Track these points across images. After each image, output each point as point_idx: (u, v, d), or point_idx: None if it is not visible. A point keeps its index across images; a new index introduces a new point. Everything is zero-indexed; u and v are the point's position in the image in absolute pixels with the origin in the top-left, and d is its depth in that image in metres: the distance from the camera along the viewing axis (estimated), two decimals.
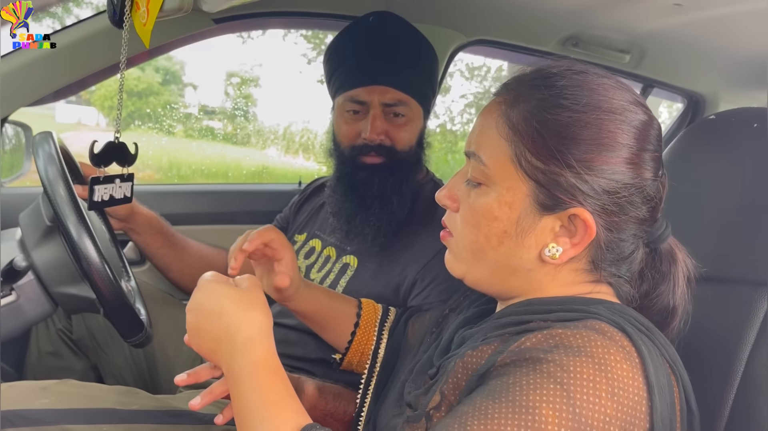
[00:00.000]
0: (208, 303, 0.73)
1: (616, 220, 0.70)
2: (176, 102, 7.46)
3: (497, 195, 0.72)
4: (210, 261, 1.56)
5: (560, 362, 0.61)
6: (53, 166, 1.05)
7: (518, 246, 0.72)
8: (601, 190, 0.69)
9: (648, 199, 0.72)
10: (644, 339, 0.65)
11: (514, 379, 0.62)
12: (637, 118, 0.71)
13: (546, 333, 0.64)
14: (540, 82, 0.72)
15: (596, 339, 0.62)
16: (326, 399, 1.09)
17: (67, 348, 1.47)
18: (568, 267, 0.73)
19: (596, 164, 0.68)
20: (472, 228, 0.75)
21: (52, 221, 1.09)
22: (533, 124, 0.70)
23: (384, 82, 1.28)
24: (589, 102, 0.69)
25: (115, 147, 1.06)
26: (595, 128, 0.69)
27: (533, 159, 0.70)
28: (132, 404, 1.12)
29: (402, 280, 1.23)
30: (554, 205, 0.70)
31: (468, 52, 1.79)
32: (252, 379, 0.68)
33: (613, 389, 0.60)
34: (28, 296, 1.08)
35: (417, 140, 1.32)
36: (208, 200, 1.81)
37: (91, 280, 1.01)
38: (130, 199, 1.14)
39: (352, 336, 1.08)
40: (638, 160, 0.70)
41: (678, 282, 0.76)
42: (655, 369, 0.63)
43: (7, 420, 1.02)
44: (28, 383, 1.13)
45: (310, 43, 6.64)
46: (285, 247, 1.00)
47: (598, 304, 0.69)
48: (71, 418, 1.05)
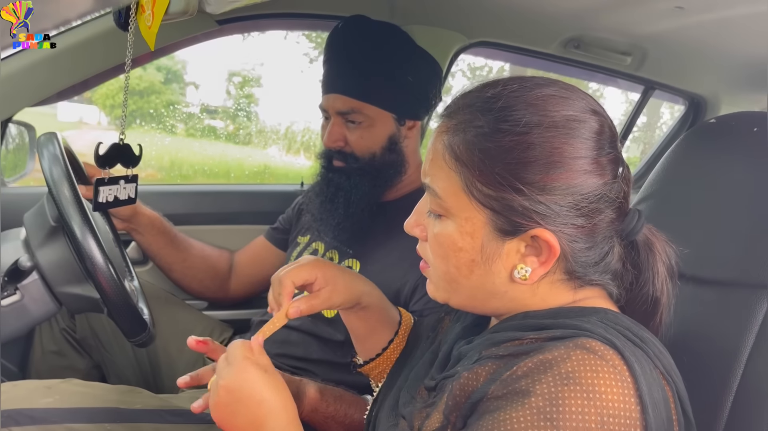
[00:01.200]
0: (248, 388, 0.74)
1: (581, 231, 0.69)
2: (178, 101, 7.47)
3: (457, 226, 0.72)
4: (212, 261, 1.57)
5: (549, 395, 0.61)
6: (58, 167, 1.06)
7: (488, 273, 0.72)
8: (559, 207, 0.68)
9: (611, 200, 0.70)
10: (637, 353, 0.65)
11: (505, 415, 0.62)
12: (585, 127, 0.69)
13: (537, 360, 0.64)
14: (478, 107, 0.71)
15: (586, 360, 0.62)
16: (327, 402, 1.10)
17: (70, 347, 1.48)
18: (546, 281, 0.72)
19: (548, 183, 0.67)
20: (442, 260, 0.74)
21: (56, 221, 1.10)
22: (476, 154, 0.69)
23: (335, 90, 1.31)
24: (529, 121, 0.68)
25: (120, 148, 1.07)
26: (540, 147, 0.67)
27: (483, 188, 0.69)
28: (135, 403, 1.13)
29: (403, 285, 1.24)
30: (514, 230, 0.69)
31: (470, 53, 1.79)
32: None
33: (602, 418, 0.60)
34: (32, 296, 1.09)
35: (385, 145, 1.33)
36: (210, 200, 1.81)
37: (95, 280, 1.02)
38: (134, 200, 1.15)
39: (389, 343, 1.03)
40: (594, 168, 0.69)
41: (658, 272, 0.75)
42: (648, 387, 0.62)
43: (12, 418, 1.03)
44: (32, 382, 1.14)
45: (311, 42, 6.64)
46: (325, 279, 0.93)
47: (591, 315, 0.69)
48: (75, 417, 1.06)
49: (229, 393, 0.74)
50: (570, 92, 0.71)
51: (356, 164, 1.32)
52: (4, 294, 1.07)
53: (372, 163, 1.32)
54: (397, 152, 1.34)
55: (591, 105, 0.71)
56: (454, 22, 1.65)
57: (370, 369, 1.06)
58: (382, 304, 1.03)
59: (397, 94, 1.32)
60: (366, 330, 1.02)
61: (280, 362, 1.31)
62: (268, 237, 1.58)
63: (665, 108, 4.02)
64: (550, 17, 1.57)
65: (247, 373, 0.74)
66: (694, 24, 1.43)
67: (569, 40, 1.66)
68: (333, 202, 1.32)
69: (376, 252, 1.30)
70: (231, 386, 0.74)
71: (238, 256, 1.61)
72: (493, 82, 0.72)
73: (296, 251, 1.45)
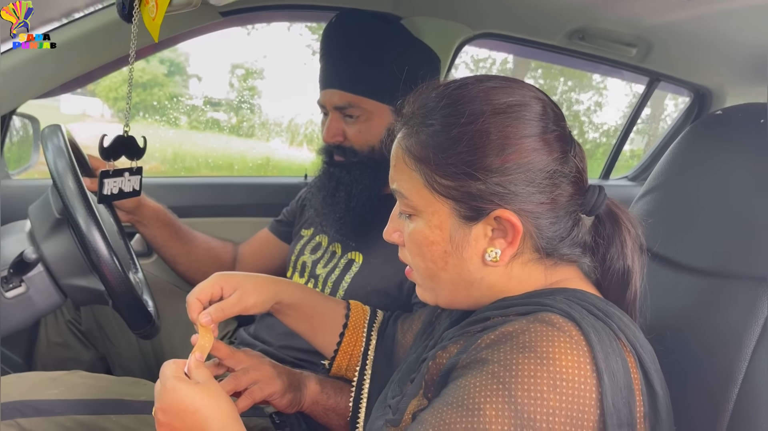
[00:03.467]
0: (179, 405, 0.77)
1: (542, 207, 0.73)
2: (181, 93, 7.45)
3: (426, 221, 0.76)
4: (216, 253, 1.57)
5: (504, 361, 0.64)
6: (62, 159, 1.06)
7: (462, 261, 0.75)
8: (514, 186, 0.71)
9: (566, 175, 0.74)
10: (597, 325, 0.67)
11: (465, 382, 0.66)
12: (527, 109, 0.73)
13: (498, 332, 0.67)
14: (427, 108, 0.76)
15: (543, 332, 0.65)
16: (328, 394, 1.10)
17: (75, 339, 1.48)
18: (518, 263, 0.76)
19: (500, 165, 0.71)
20: (419, 258, 0.79)
21: (61, 213, 1.10)
22: (431, 150, 0.74)
23: (332, 85, 1.31)
24: (473, 110, 0.72)
25: (125, 140, 1.07)
26: (487, 133, 0.71)
27: (442, 180, 0.73)
28: (141, 395, 1.13)
29: (405, 277, 1.23)
30: (476, 215, 0.73)
31: (474, 45, 1.78)
32: None
33: (554, 382, 0.62)
34: (37, 288, 1.09)
35: (385, 138, 1.32)
36: (214, 192, 1.81)
37: (99, 272, 1.02)
38: (138, 192, 1.15)
39: (341, 337, 1.08)
40: (541, 146, 0.72)
41: (626, 242, 0.78)
42: (605, 355, 0.64)
43: (17, 410, 1.03)
44: (38, 374, 1.14)
45: (314, 34, 6.61)
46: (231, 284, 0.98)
47: (558, 294, 0.72)
48: (81, 409, 1.06)
49: (165, 413, 0.78)
50: (510, 82, 0.76)
51: (356, 158, 1.32)
52: (10, 286, 1.07)
53: (372, 157, 1.32)
54: None
55: (531, 91, 0.76)
56: (459, 14, 1.64)
57: (338, 368, 1.09)
58: (313, 299, 1.08)
59: (393, 86, 1.31)
60: (308, 327, 1.07)
61: (283, 354, 1.32)
62: (272, 229, 1.58)
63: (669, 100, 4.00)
64: (555, 8, 1.56)
65: (177, 391, 0.77)
66: (699, 15, 1.42)
67: (574, 31, 1.65)
68: (334, 196, 1.32)
69: (379, 245, 1.29)
70: (165, 406, 0.78)
71: (243, 248, 1.61)
72: (438, 84, 0.78)
73: (300, 244, 1.45)
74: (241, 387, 1.00)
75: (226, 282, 0.96)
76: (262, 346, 1.35)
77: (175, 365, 0.82)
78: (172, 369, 0.81)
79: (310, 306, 1.07)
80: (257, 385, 1.01)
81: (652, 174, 1.02)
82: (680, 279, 0.92)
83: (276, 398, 1.04)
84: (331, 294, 1.30)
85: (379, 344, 1.09)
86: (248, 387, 1.01)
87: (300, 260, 1.41)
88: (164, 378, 0.80)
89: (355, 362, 1.09)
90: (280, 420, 1.15)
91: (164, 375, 0.80)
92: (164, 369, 0.81)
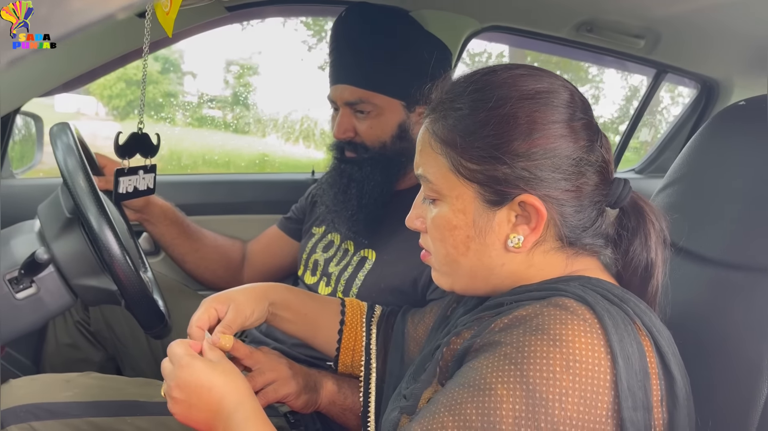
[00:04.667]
0: (196, 381, 0.79)
1: (567, 194, 0.73)
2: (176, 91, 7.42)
3: (450, 205, 0.76)
4: (225, 251, 1.55)
5: (516, 343, 0.64)
6: (72, 157, 1.04)
7: (484, 247, 0.75)
8: (540, 171, 0.71)
9: (591, 164, 0.74)
10: (612, 309, 0.66)
11: (477, 363, 0.66)
12: (555, 96, 0.74)
13: (512, 316, 0.67)
14: (455, 93, 0.77)
15: (556, 315, 0.65)
16: (345, 394, 1.10)
17: (84, 340, 1.46)
18: (539, 251, 0.75)
19: (526, 149, 0.71)
20: (441, 243, 0.78)
21: (72, 213, 1.08)
22: (458, 134, 0.74)
23: (343, 80, 1.29)
24: (501, 96, 0.73)
25: (139, 138, 1.05)
26: (514, 118, 0.71)
27: (468, 164, 0.73)
28: (155, 396, 1.12)
29: (420, 274, 1.22)
30: (501, 199, 0.73)
31: (482, 38, 1.76)
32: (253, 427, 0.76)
33: (568, 362, 0.62)
34: (48, 288, 1.08)
35: (396, 133, 1.30)
36: (222, 190, 1.80)
37: (112, 272, 1.00)
38: (153, 190, 1.13)
39: (339, 334, 1.08)
40: (568, 132, 0.73)
41: (650, 235, 0.77)
42: (619, 338, 0.64)
43: (31, 413, 1.02)
44: (51, 376, 1.13)
45: (310, 30, 6.58)
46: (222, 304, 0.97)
47: (574, 281, 0.72)
48: (96, 411, 1.05)
49: (181, 390, 0.79)
50: (539, 71, 0.76)
51: (367, 154, 1.31)
52: (20, 287, 1.05)
53: (383, 152, 1.30)
54: (408, 140, 1.32)
55: (559, 80, 0.76)
56: (466, 7, 1.63)
57: (345, 366, 1.09)
58: (305, 298, 1.08)
59: (404, 81, 1.29)
60: (305, 328, 1.07)
61: (296, 352, 1.30)
62: (281, 226, 1.57)
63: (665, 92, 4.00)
64: (563, 0, 1.55)
65: (192, 367, 0.79)
66: (708, 5, 1.41)
67: (582, 23, 1.63)
68: (346, 193, 1.31)
69: (392, 242, 1.29)
70: (181, 383, 0.79)
71: (251, 246, 1.59)
72: (467, 74, 0.79)
73: (312, 241, 1.43)
74: (257, 388, 1.00)
75: (217, 302, 0.96)
76: (275, 344, 1.33)
77: (185, 344, 0.84)
78: (182, 348, 0.83)
79: (303, 303, 1.07)
80: (272, 386, 1.01)
81: (673, 166, 1.01)
82: (703, 271, 0.91)
83: (291, 399, 1.03)
84: (344, 292, 1.28)
85: (384, 338, 1.08)
86: (264, 388, 1.00)
87: (312, 258, 1.40)
88: (176, 356, 0.82)
89: (359, 358, 1.08)
90: (294, 420, 1.14)
91: (175, 354, 0.82)
92: (174, 348, 0.83)
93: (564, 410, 0.61)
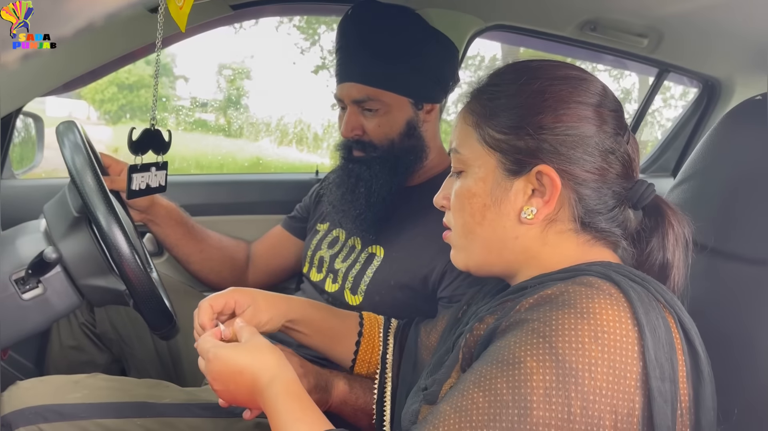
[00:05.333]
0: (226, 369, 0.82)
1: (587, 175, 0.75)
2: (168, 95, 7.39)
3: (473, 174, 0.80)
4: (230, 252, 1.54)
5: (544, 318, 0.65)
6: (80, 156, 1.02)
7: (499, 216, 0.77)
8: (561, 146, 0.74)
9: (614, 152, 0.76)
10: (636, 286, 0.67)
11: (505, 341, 0.67)
12: (588, 84, 0.78)
13: (537, 295, 0.68)
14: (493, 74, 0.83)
15: (582, 292, 0.66)
16: (357, 395, 1.09)
17: (90, 342, 1.45)
18: (553, 231, 0.77)
19: (549, 123, 0.74)
20: (460, 213, 0.81)
21: (79, 211, 1.07)
22: (489, 107, 0.79)
23: (350, 79, 1.28)
24: (533, 75, 0.77)
25: (152, 134, 1.03)
26: (541, 93, 0.76)
27: (494, 133, 0.77)
28: (164, 397, 1.11)
29: (430, 271, 1.21)
30: (520, 168, 0.76)
31: (485, 37, 1.76)
32: (283, 407, 0.77)
33: (596, 333, 0.62)
34: (55, 289, 1.06)
35: (404, 131, 1.30)
36: (226, 190, 1.78)
37: (121, 271, 0.99)
38: (164, 187, 1.11)
39: (357, 346, 1.08)
40: (595, 116, 0.75)
41: (668, 235, 0.78)
42: (645, 311, 0.64)
43: (40, 415, 1.00)
44: (59, 377, 1.11)
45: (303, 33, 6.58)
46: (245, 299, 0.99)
47: (595, 265, 0.73)
48: (104, 412, 1.04)
49: (217, 381, 0.83)
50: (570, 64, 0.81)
51: (375, 153, 1.29)
52: (27, 287, 1.03)
53: (391, 151, 1.29)
54: (416, 137, 1.31)
55: (594, 76, 0.80)
56: (471, 5, 1.62)
57: (360, 368, 1.09)
58: (325, 312, 1.09)
59: (412, 78, 1.28)
60: (322, 341, 1.08)
61: (303, 353, 1.29)
62: (285, 226, 1.56)
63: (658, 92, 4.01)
64: None
65: (219, 357, 0.82)
66: (710, 4, 1.41)
67: (586, 22, 1.63)
68: (354, 192, 1.30)
69: (401, 238, 1.28)
70: (215, 376, 0.83)
71: (256, 246, 1.58)
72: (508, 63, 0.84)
73: (316, 238, 1.42)
74: None
75: (241, 295, 0.98)
76: (281, 347, 1.32)
77: (210, 336, 0.87)
78: (208, 342, 0.85)
79: (323, 319, 1.08)
80: None
81: (688, 162, 1.01)
82: (721, 267, 0.90)
83: None
84: (352, 289, 1.27)
85: (400, 348, 1.08)
86: None
87: (317, 255, 1.39)
88: (204, 352, 0.85)
89: (374, 368, 1.08)
90: None
91: (204, 349, 0.85)
92: (202, 344, 0.86)
93: (594, 380, 0.61)
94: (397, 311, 1.20)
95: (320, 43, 6.43)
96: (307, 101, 7.38)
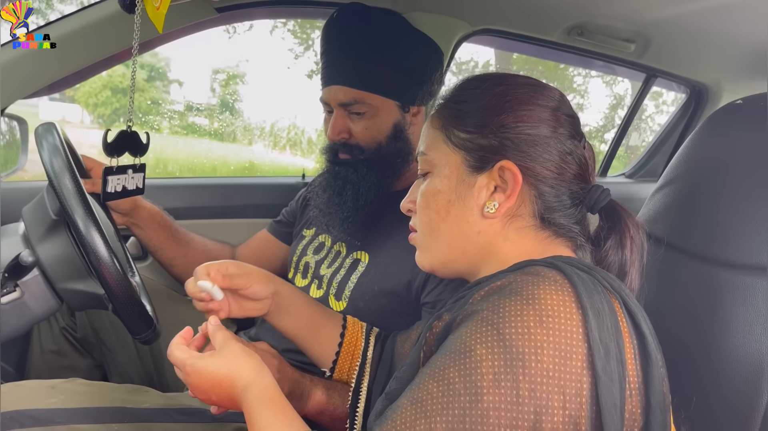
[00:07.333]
0: (205, 382, 0.83)
1: (546, 173, 0.80)
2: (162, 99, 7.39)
3: (438, 173, 0.84)
4: (214, 256, 1.52)
5: (492, 307, 0.67)
6: (59, 158, 1.01)
7: (463, 211, 0.82)
8: (522, 144, 0.79)
9: (571, 153, 0.81)
10: (581, 273, 0.70)
11: (458, 333, 0.69)
12: (547, 90, 0.83)
13: (488, 287, 0.71)
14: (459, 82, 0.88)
15: (529, 280, 0.68)
16: (335, 404, 1.07)
17: (70, 346, 1.43)
18: (514, 227, 0.81)
19: (510, 122, 0.80)
20: (425, 211, 0.86)
21: (57, 214, 1.06)
22: (455, 110, 0.85)
23: (337, 81, 1.28)
24: (496, 81, 0.84)
25: (128, 136, 1.02)
26: (503, 96, 0.81)
27: (459, 133, 0.83)
28: (143, 402, 1.09)
29: (414, 276, 1.20)
30: (483, 165, 0.81)
31: (472, 41, 1.76)
32: (258, 413, 0.78)
33: (541, 317, 0.64)
34: (32, 292, 1.05)
35: (391, 133, 1.29)
36: (211, 194, 1.77)
37: (99, 275, 0.97)
38: (142, 190, 1.10)
39: (341, 337, 1.08)
40: (551, 119, 0.81)
41: (624, 235, 0.82)
42: (589, 295, 0.67)
43: (15, 420, 0.99)
44: (36, 382, 1.10)
45: (297, 38, 6.60)
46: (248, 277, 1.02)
47: (548, 258, 0.75)
48: (81, 418, 1.02)
49: (198, 392, 0.84)
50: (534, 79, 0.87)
51: (362, 155, 1.29)
52: (4, 291, 1.02)
53: (378, 153, 1.29)
54: (403, 140, 1.31)
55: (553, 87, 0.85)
56: (458, 9, 1.62)
57: (340, 372, 1.09)
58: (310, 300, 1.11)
59: (399, 81, 1.28)
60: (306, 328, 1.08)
61: (286, 357, 1.28)
62: (271, 230, 1.55)
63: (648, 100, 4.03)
64: (554, 4, 1.55)
65: (197, 370, 0.83)
66: (697, 10, 1.41)
67: (573, 27, 1.64)
68: (341, 195, 1.29)
69: (386, 244, 1.27)
70: (195, 387, 0.84)
71: (241, 250, 1.57)
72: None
73: (302, 244, 1.41)
74: None
75: (235, 265, 1.01)
76: (261, 345, 1.31)
77: (180, 347, 0.87)
78: (182, 351, 0.86)
79: (308, 304, 1.09)
80: None
81: (669, 166, 1.00)
82: (701, 270, 0.90)
83: None
84: (336, 294, 1.26)
85: (379, 350, 1.08)
86: None
87: (302, 260, 1.38)
88: (179, 364, 0.85)
89: (356, 365, 1.07)
90: None
91: (178, 360, 0.85)
92: (174, 354, 0.86)
93: (540, 362, 0.63)
94: (381, 317, 1.19)
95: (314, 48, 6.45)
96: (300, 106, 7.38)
